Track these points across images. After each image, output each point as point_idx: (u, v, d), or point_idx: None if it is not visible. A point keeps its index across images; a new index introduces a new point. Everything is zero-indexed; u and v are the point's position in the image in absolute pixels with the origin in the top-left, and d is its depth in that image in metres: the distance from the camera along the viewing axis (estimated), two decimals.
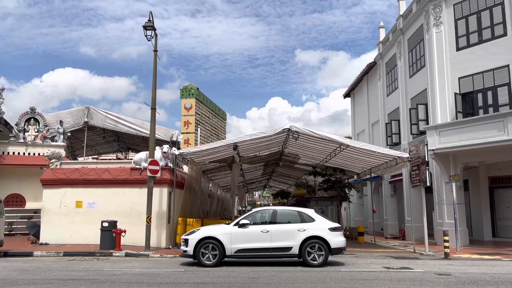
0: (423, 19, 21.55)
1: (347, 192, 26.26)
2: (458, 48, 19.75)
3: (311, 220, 12.20)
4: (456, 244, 15.98)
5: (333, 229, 12.11)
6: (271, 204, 62.86)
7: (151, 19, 15.79)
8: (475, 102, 19.01)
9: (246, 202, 59.10)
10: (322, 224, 12.13)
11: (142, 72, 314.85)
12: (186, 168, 19.14)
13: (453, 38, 19.94)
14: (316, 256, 11.77)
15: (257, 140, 17.54)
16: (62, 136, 23.32)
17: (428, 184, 15.50)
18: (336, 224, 12.54)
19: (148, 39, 15.83)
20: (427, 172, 15.41)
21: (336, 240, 12.00)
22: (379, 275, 10.11)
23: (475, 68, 18.98)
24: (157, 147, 16.75)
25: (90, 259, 13.48)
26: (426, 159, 15.50)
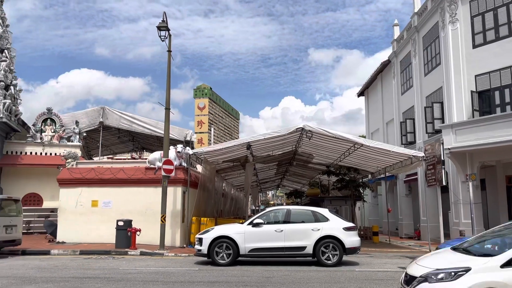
0: (438, 16, 21.27)
1: (361, 191, 26.06)
2: (475, 46, 19.45)
3: (325, 219, 12.14)
4: None
5: (347, 228, 12.04)
6: (284, 204, 62.74)
7: (164, 19, 15.88)
8: (492, 100, 18.69)
9: (260, 202, 59.09)
10: (336, 224, 12.06)
11: (156, 73, 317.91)
12: (199, 168, 19.22)
13: (469, 35, 19.64)
14: (330, 255, 11.72)
15: (270, 140, 17.53)
16: (78, 136, 23.66)
17: (444, 183, 15.35)
18: (351, 224, 12.49)
19: (162, 39, 15.96)
20: (443, 171, 15.24)
21: (351, 239, 11.93)
22: (394, 275, 10.01)
23: (492, 65, 18.67)
24: (171, 147, 16.86)
25: (106, 257, 13.66)
26: (442, 158, 15.34)
